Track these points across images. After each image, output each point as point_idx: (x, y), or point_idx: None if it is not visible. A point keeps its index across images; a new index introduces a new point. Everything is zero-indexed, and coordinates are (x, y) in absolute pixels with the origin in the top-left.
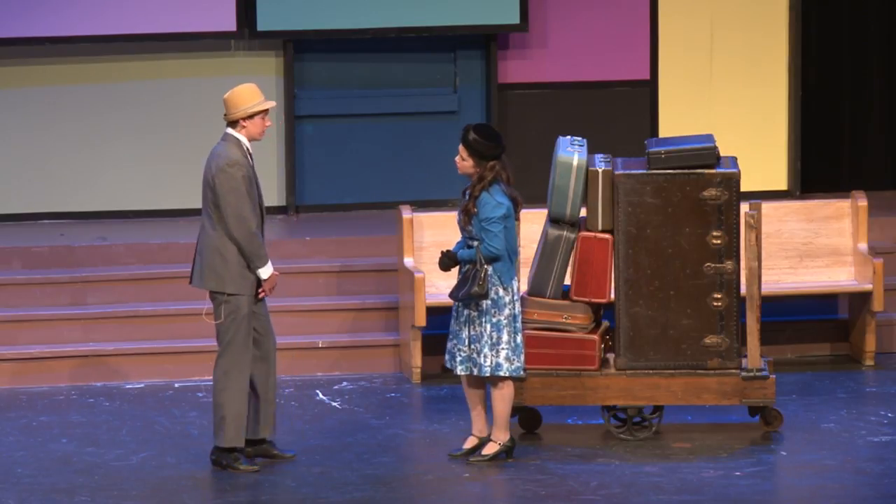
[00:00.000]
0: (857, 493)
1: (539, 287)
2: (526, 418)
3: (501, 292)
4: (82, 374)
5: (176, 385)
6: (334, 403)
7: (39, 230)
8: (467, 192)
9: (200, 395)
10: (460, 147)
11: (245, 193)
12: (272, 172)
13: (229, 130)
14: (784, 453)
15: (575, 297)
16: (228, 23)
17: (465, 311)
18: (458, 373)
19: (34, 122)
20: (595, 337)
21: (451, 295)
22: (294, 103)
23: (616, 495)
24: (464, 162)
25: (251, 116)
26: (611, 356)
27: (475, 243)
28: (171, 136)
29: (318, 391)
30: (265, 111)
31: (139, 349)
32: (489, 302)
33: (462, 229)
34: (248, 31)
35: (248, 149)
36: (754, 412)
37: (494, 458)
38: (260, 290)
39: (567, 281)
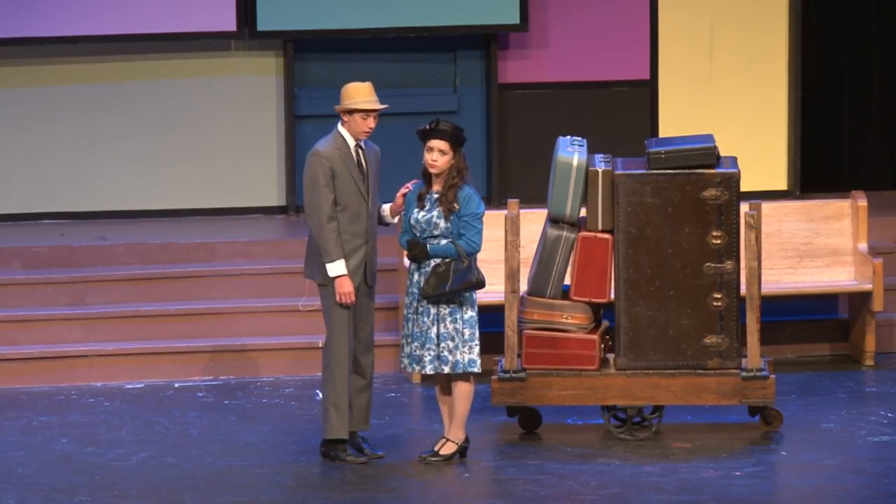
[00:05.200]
0: (857, 493)
1: (539, 287)
2: (526, 418)
3: None
4: (82, 374)
5: (176, 385)
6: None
7: (39, 230)
8: (435, 192)
9: (200, 395)
10: (437, 144)
11: (321, 185)
12: (272, 172)
13: (338, 124)
14: (784, 453)
15: (575, 297)
16: (228, 23)
17: (433, 311)
18: (427, 372)
19: (34, 122)
20: (595, 337)
21: (432, 292)
22: (294, 103)
23: (616, 495)
24: (445, 156)
25: (349, 112)
26: (611, 356)
27: (443, 240)
28: (171, 136)
29: (317, 391)
30: (363, 111)
31: (139, 349)
32: (461, 298)
33: (428, 226)
34: (248, 31)
35: (353, 144)
36: (754, 412)
37: (451, 458)
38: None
39: (567, 281)
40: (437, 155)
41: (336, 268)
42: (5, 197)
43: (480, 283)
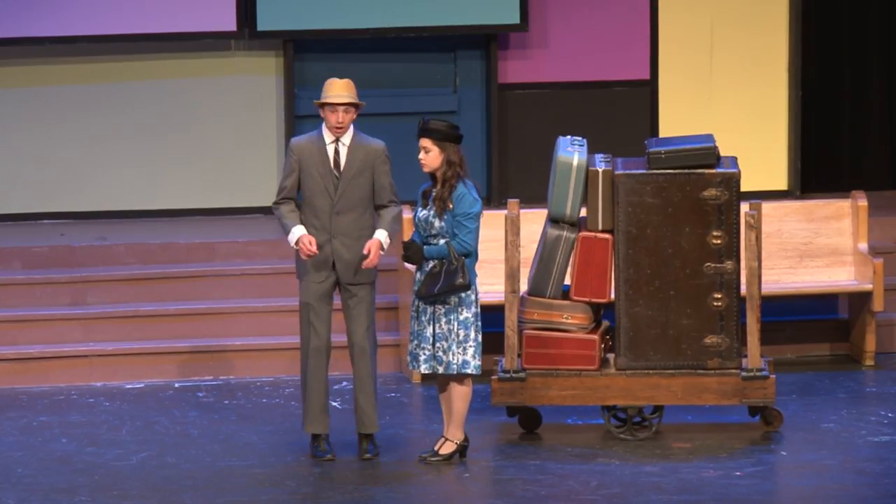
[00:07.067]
0: (857, 493)
1: (539, 287)
2: (526, 418)
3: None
4: (82, 374)
5: (176, 385)
6: (334, 403)
7: (39, 230)
8: (433, 190)
9: (200, 395)
10: (422, 142)
11: (285, 173)
12: (272, 172)
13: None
14: (784, 453)
15: (575, 297)
16: (228, 23)
17: (430, 310)
18: (422, 371)
19: (34, 122)
20: (595, 337)
21: (424, 293)
22: (294, 103)
23: (616, 495)
24: (429, 154)
25: (322, 106)
26: (611, 356)
27: (441, 240)
28: (171, 136)
29: None
30: (330, 104)
31: (139, 349)
32: (457, 299)
33: (426, 225)
34: (248, 31)
35: (330, 140)
36: (754, 412)
37: (450, 457)
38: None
39: (567, 281)
40: (422, 155)
41: (293, 234)
42: (5, 197)
43: (465, 286)
